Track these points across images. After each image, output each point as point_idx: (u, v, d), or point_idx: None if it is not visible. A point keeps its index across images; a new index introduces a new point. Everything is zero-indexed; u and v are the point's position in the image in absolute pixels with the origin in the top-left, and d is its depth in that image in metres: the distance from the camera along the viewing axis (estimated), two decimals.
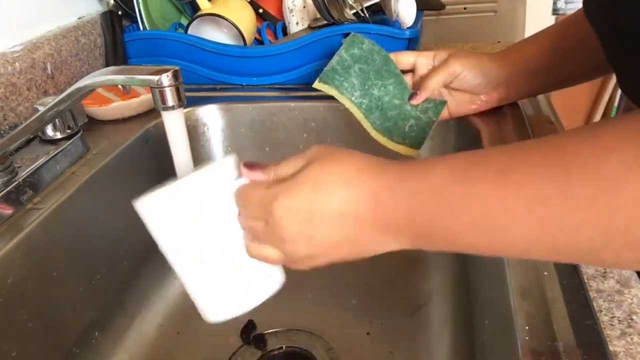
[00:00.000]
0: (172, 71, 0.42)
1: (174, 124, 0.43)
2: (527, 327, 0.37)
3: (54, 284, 0.55)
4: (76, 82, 0.48)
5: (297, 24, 0.87)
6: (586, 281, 0.41)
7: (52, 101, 0.50)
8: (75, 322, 0.58)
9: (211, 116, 0.78)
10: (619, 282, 0.41)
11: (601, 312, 0.38)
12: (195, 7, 0.88)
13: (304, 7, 0.86)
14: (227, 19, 0.81)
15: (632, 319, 0.37)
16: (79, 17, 0.82)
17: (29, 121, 0.52)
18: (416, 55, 0.66)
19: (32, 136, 0.61)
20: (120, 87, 0.74)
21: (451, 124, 0.70)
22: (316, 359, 0.60)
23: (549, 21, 1.11)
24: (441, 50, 0.65)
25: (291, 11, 0.86)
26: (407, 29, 0.76)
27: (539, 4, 1.11)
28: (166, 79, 0.42)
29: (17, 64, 0.65)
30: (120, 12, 0.86)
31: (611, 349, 0.35)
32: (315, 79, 0.64)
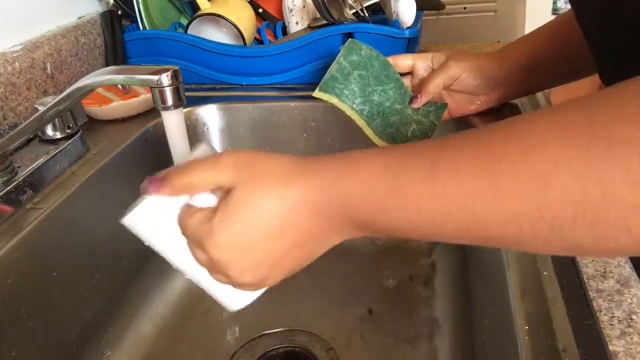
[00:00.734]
0: (172, 71, 0.43)
1: (174, 124, 0.43)
2: (527, 327, 0.37)
3: (54, 284, 0.55)
4: (76, 82, 0.48)
5: (297, 24, 0.87)
6: (586, 281, 0.41)
7: (52, 101, 0.50)
8: (75, 322, 0.58)
9: (211, 116, 0.78)
10: (619, 282, 0.40)
11: (601, 312, 0.38)
12: (195, 7, 0.88)
13: (304, 7, 0.86)
14: (227, 19, 0.81)
15: (632, 319, 0.37)
16: (79, 17, 0.82)
17: (29, 121, 0.52)
18: (414, 58, 0.66)
19: (32, 136, 0.61)
20: (120, 87, 0.74)
21: (451, 124, 0.70)
22: (316, 359, 0.60)
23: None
24: (439, 51, 0.65)
25: (291, 11, 0.86)
26: (407, 29, 0.76)
27: (539, 4, 1.11)
28: (166, 79, 0.42)
29: (17, 64, 0.65)
30: (120, 12, 0.86)
31: (611, 349, 0.35)
32: (315, 78, 0.64)
